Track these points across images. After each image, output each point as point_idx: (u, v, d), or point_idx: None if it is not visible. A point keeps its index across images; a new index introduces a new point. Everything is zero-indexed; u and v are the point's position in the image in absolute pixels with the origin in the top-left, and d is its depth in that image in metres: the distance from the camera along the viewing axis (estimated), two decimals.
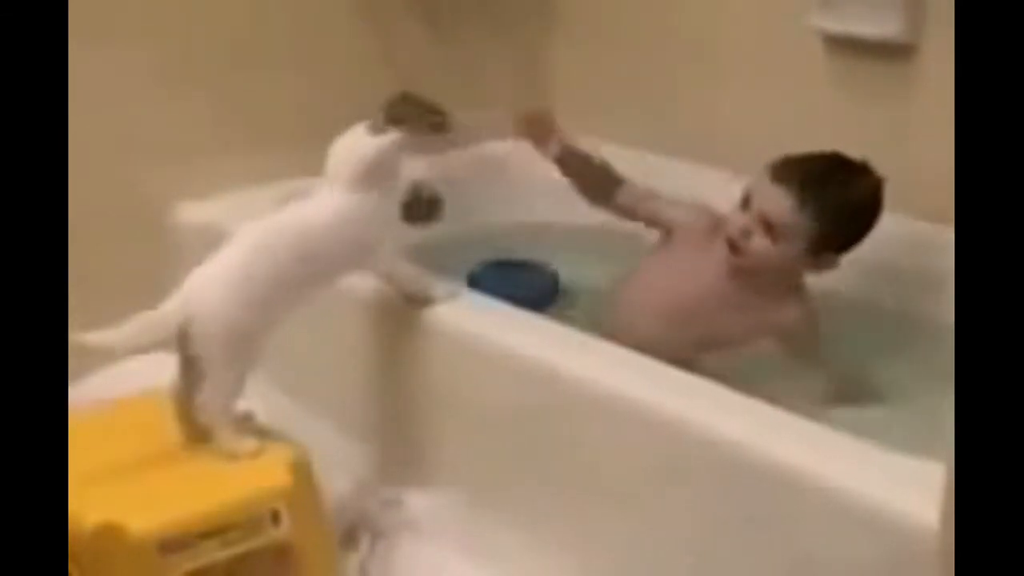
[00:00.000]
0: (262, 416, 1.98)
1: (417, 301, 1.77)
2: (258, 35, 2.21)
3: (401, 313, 1.78)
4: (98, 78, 1.97)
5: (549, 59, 1.92)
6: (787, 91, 2.20)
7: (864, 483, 1.33)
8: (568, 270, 2.27)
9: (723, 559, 1.47)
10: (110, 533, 1.43)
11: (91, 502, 1.43)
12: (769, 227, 1.82)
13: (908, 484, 1.30)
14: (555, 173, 2.05)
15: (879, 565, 1.31)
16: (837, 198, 1.82)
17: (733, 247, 1.86)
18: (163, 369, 2.05)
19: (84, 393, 1.86)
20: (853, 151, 2.11)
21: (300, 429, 1.82)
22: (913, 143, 2.05)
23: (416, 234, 2.23)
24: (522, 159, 2.08)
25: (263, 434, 1.63)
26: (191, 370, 1.60)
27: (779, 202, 1.81)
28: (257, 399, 2.04)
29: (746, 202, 1.85)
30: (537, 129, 2.00)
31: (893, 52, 2.06)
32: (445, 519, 1.77)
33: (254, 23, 2.20)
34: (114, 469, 1.56)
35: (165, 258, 2.13)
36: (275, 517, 1.53)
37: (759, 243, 1.83)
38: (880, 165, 2.09)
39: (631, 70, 2.36)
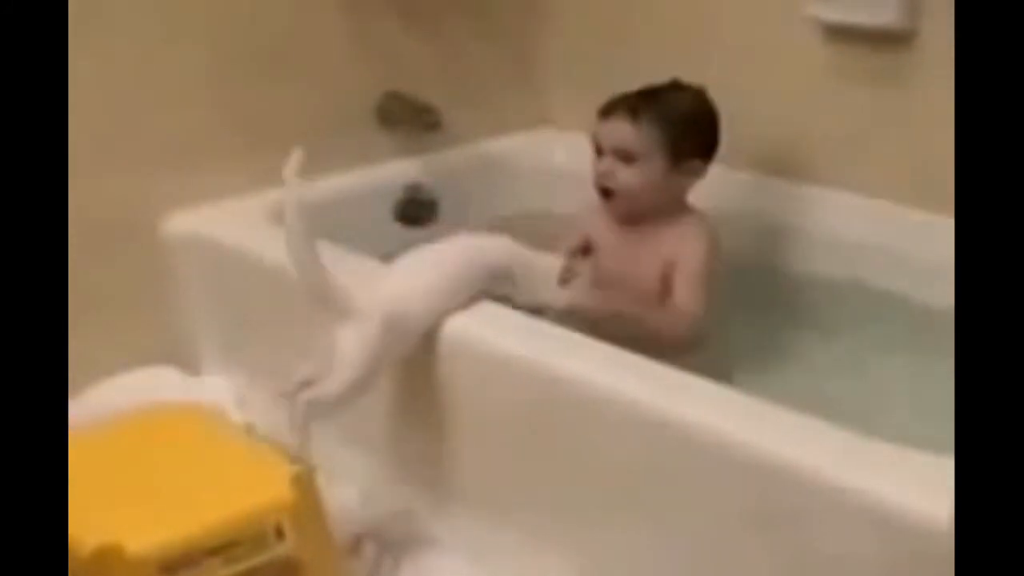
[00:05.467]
0: (267, 428, 1.98)
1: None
2: (246, 42, 2.18)
3: None
4: (85, 86, 1.95)
5: (540, 53, 1.90)
6: (786, 81, 2.19)
7: (875, 482, 1.30)
8: None
9: (737, 562, 1.45)
10: (109, 554, 1.40)
11: (89, 522, 1.40)
12: (625, 156, 1.91)
13: (921, 482, 1.28)
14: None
15: (891, 564, 1.29)
16: (666, 105, 1.93)
17: (605, 192, 1.95)
18: (161, 384, 2.06)
19: (82, 407, 1.85)
20: (853, 139, 2.13)
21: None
22: (912, 131, 2.04)
23: (414, 235, 2.24)
24: None
25: (266, 445, 1.62)
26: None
27: (620, 130, 1.92)
28: (264, 411, 2.04)
29: (598, 151, 1.95)
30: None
31: (891, 40, 2.04)
32: (454, 529, 1.75)
33: (242, 30, 2.17)
34: (112, 487, 1.53)
35: (155, 268, 2.12)
36: (279, 532, 1.50)
37: (624, 174, 1.91)
38: (880, 153, 2.10)
39: (625, 62, 2.33)
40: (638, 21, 2.40)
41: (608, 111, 1.94)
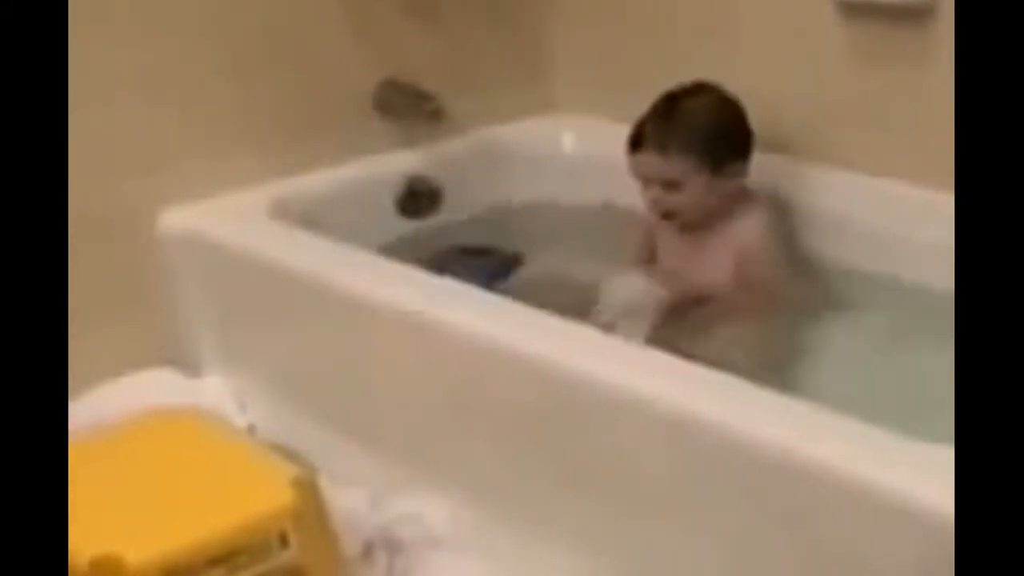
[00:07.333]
0: (270, 430, 1.95)
1: None
2: (244, 33, 2.15)
3: (414, 319, 1.74)
4: (76, 82, 1.91)
5: (545, 38, 1.86)
6: (802, 60, 2.17)
7: (900, 478, 1.29)
8: (550, 254, 2.27)
9: (763, 562, 1.43)
10: (109, 564, 1.39)
11: (89, 532, 1.38)
12: (667, 184, 1.97)
13: (945, 477, 1.23)
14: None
15: (925, 563, 1.26)
16: (689, 125, 1.96)
17: (667, 216, 2.02)
18: (160, 386, 2.03)
19: (81, 410, 1.81)
20: (870, 117, 2.12)
21: (310, 442, 1.81)
22: (930, 108, 2.00)
23: (416, 226, 2.21)
24: None
25: (269, 449, 1.61)
26: None
27: (653, 163, 1.97)
28: (266, 412, 2.01)
29: (643, 182, 2.00)
30: None
31: (909, 16, 2.02)
32: (468, 532, 1.72)
33: (240, 21, 2.15)
34: (112, 495, 1.52)
35: (153, 266, 2.09)
36: (283, 539, 1.49)
37: (674, 199, 1.98)
38: (897, 130, 2.09)
39: (637, 46, 2.32)
40: (646, 3, 2.37)
41: (636, 144, 1.99)
